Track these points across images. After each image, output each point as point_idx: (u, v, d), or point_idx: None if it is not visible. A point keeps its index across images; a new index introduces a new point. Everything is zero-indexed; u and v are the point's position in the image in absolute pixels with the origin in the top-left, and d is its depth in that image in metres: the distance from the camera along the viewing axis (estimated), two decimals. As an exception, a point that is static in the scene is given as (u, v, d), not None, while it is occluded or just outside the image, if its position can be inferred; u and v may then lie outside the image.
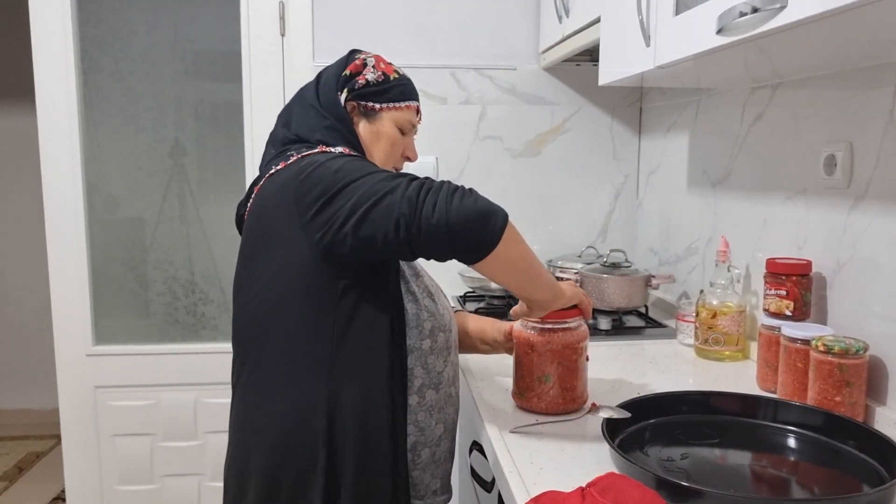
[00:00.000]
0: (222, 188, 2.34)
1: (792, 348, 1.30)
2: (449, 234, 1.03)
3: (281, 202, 1.13)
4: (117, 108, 2.26)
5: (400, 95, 1.29)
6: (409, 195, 1.04)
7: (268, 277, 1.15)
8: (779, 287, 1.40)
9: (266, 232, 1.16)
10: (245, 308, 1.20)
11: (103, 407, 2.32)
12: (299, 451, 1.12)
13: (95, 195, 2.28)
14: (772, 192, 1.59)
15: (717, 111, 1.85)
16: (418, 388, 1.21)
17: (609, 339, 1.79)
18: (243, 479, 1.18)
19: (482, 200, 1.07)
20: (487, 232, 1.05)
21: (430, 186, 1.06)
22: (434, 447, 1.24)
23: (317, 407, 1.12)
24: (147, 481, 2.37)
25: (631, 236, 2.43)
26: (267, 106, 2.27)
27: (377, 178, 1.08)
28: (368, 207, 1.05)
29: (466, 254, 1.07)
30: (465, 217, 1.03)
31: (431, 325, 1.22)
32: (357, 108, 1.27)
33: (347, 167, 1.10)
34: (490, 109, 2.33)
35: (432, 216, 1.03)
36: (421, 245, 1.05)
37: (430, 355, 1.22)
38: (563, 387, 1.25)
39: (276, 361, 1.15)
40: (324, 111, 1.24)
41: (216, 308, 2.37)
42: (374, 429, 1.14)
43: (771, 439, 1.16)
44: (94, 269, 2.29)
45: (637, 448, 1.12)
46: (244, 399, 1.20)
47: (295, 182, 1.11)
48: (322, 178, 1.09)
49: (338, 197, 1.07)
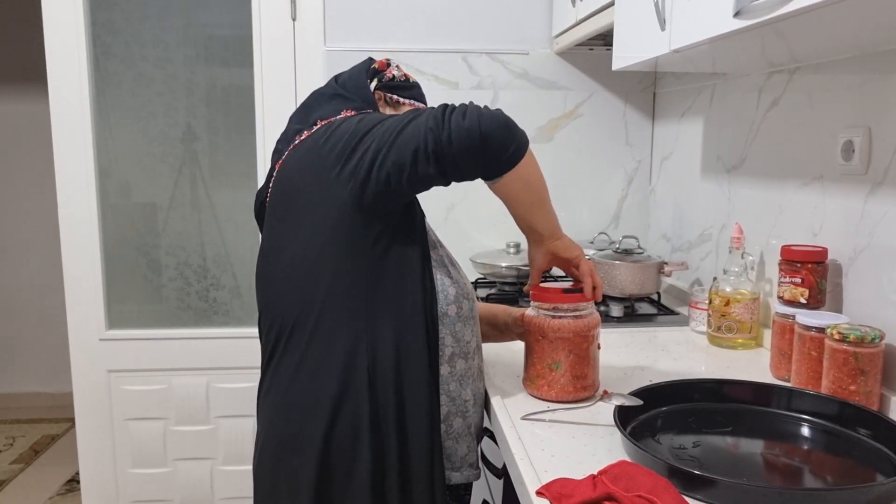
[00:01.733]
0: (234, 174, 2.34)
1: (806, 336, 1.29)
2: (482, 139, 1.06)
3: (307, 166, 1.15)
4: (129, 92, 2.26)
5: (421, 97, 1.36)
6: (434, 114, 1.08)
7: (301, 243, 1.15)
8: (794, 274, 1.38)
9: (294, 199, 1.16)
10: (273, 275, 1.19)
11: (116, 391, 2.34)
12: (349, 413, 1.13)
13: (108, 180, 2.29)
14: (787, 178, 1.57)
15: (732, 96, 1.82)
16: (449, 358, 1.22)
17: (621, 326, 1.78)
18: (290, 457, 1.15)
19: (501, 112, 1.10)
20: (517, 141, 1.10)
21: (454, 105, 1.10)
22: (467, 417, 1.25)
23: (359, 365, 1.13)
24: (160, 465, 2.39)
25: (643, 223, 2.41)
26: (278, 90, 2.27)
27: (398, 118, 1.11)
28: (394, 137, 1.08)
29: (497, 162, 1.09)
30: (497, 123, 1.07)
31: (455, 292, 1.23)
32: (383, 98, 1.31)
33: (371, 118, 1.13)
34: (502, 94, 2.31)
35: (463, 121, 1.05)
36: (452, 156, 1.06)
37: (457, 322, 1.23)
38: (574, 374, 1.25)
39: (320, 324, 1.15)
40: (350, 95, 1.26)
41: (228, 293, 2.38)
42: (412, 377, 1.16)
43: (784, 428, 1.15)
44: (107, 254, 2.31)
45: (649, 436, 1.12)
46: (296, 370, 1.16)
47: (319, 143, 1.14)
48: (346, 131, 1.12)
49: (362, 142, 1.10)
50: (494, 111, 1.09)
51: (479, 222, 2.35)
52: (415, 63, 2.26)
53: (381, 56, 1.37)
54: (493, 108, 1.10)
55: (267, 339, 1.23)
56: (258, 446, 1.23)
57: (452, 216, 2.33)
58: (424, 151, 1.06)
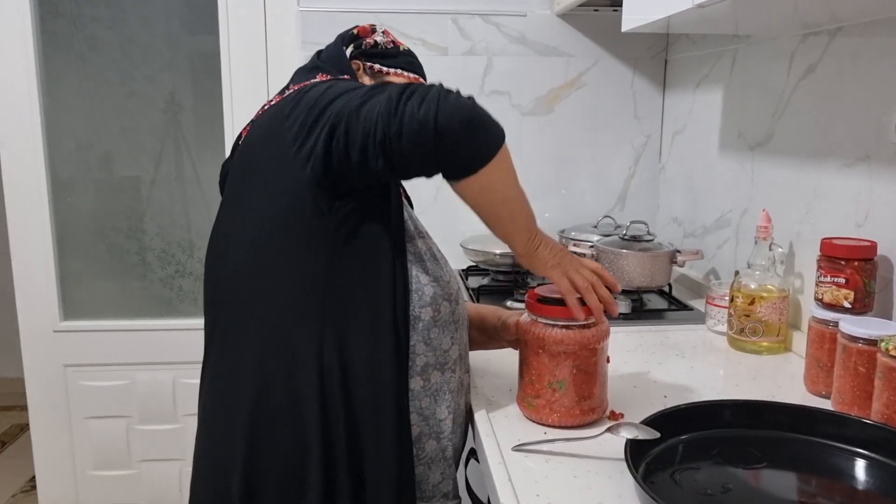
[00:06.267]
0: (205, 148, 2.12)
1: (852, 349, 1.08)
2: (436, 135, 0.87)
3: (269, 136, 0.99)
4: (78, 56, 2.03)
5: (409, 65, 1.19)
6: (390, 96, 0.89)
7: (252, 224, 0.99)
8: (836, 273, 1.18)
9: (251, 174, 1.01)
10: (222, 262, 1.03)
11: (74, 387, 2.14)
12: (291, 434, 0.96)
13: (58, 156, 2.07)
14: (824, 158, 1.35)
15: (757, 62, 1.60)
16: (421, 369, 1.03)
17: (628, 324, 1.57)
18: (219, 479, 1.00)
19: (480, 107, 0.92)
20: (484, 141, 0.92)
21: (416, 87, 0.90)
22: (442, 439, 1.06)
23: (307, 374, 0.96)
24: (124, 466, 2.20)
25: (652, 204, 2.19)
26: (247, 56, 2.04)
27: (364, 90, 0.93)
28: (352, 113, 0.90)
29: (454, 164, 0.91)
30: (460, 118, 0.88)
31: (433, 292, 1.04)
32: (363, 68, 1.16)
33: (340, 85, 0.97)
34: (497, 61, 2.07)
35: (417, 111, 0.87)
36: (401, 150, 0.88)
37: (433, 328, 1.04)
38: (580, 395, 1.04)
39: (258, 321, 0.98)
40: (327, 66, 1.11)
41: (194, 281, 2.17)
42: (373, 392, 0.98)
43: (831, 462, 0.96)
44: (60, 238, 2.09)
45: (666, 473, 0.92)
46: (219, 371, 1.02)
47: (285, 111, 0.97)
48: (310, 100, 0.96)
49: (323, 114, 0.93)
50: (461, 101, 0.90)
51: (471, 203, 2.13)
52: (399, 26, 2.03)
53: (365, 20, 1.22)
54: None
55: (206, 333, 1.08)
56: (194, 461, 1.08)
57: (442, 196, 2.11)
58: (373, 142, 0.89)
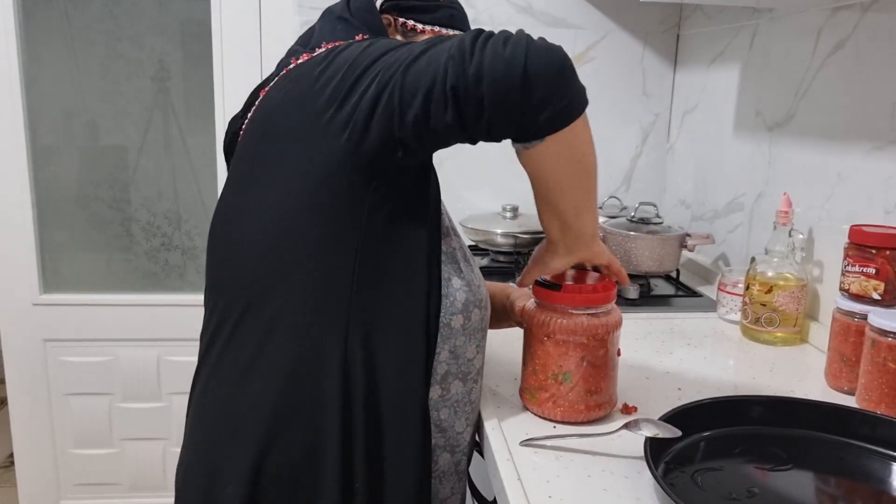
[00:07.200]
0: (193, 115, 2.02)
1: (882, 343, 1.01)
2: (524, 81, 0.74)
3: (297, 99, 0.85)
4: (62, 14, 1.92)
5: (449, 20, 1.02)
6: (462, 39, 0.77)
7: (273, 208, 0.87)
8: (865, 263, 1.11)
9: (274, 140, 0.87)
10: (235, 246, 0.91)
11: (54, 363, 2.05)
12: (305, 440, 0.86)
13: (39, 121, 1.96)
14: (851, 140, 1.28)
15: (780, 39, 1.51)
16: (442, 378, 0.94)
17: (635, 311, 1.50)
18: (221, 488, 0.89)
19: (566, 55, 0.79)
20: (573, 92, 0.78)
21: (492, 31, 0.78)
22: (456, 453, 0.99)
23: (330, 376, 0.86)
24: (105, 445, 2.12)
25: (659, 185, 2.12)
26: (238, 21, 1.93)
27: (419, 43, 0.81)
28: (403, 70, 0.78)
29: (539, 117, 0.77)
30: (550, 62, 0.75)
31: (465, 299, 0.94)
32: (394, 24, 1.01)
33: (381, 44, 0.84)
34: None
35: (503, 50, 0.74)
36: (479, 97, 0.75)
37: (460, 336, 0.94)
38: (587, 389, 0.97)
39: (275, 317, 0.86)
40: (355, 20, 0.97)
41: (181, 255, 2.08)
42: (402, 401, 0.89)
43: (864, 465, 0.89)
44: (41, 207, 1.99)
45: (687, 474, 0.86)
46: (228, 369, 0.90)
47: (315, 72, 0.84)
48: (346, 60, 0.83)
49: (364, 76, 0.81)
50: (550, 45, 0.77)
51: (471, 179, 2.05)
52: (401, -9, 1.92)
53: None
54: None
55: (209, 320, 0.95)
56: (182, 463, 0.96)
57: (440, 172, 2.02)
58: (442, 90, 0.76)
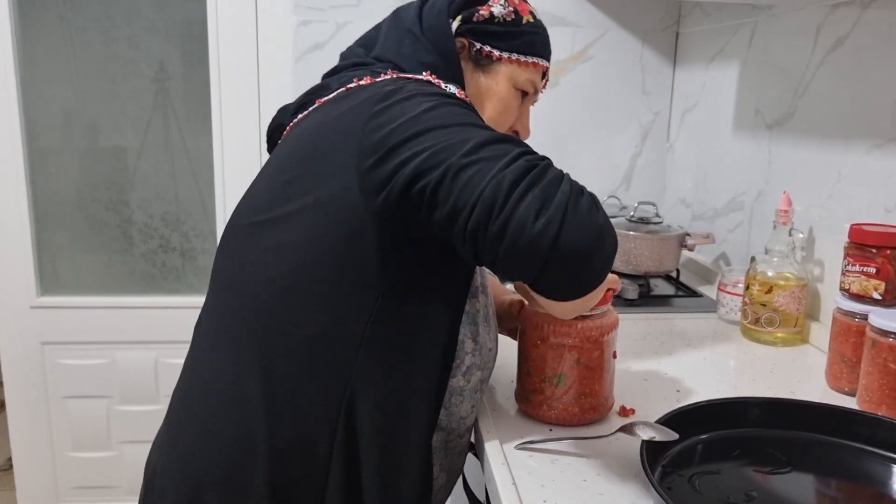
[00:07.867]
0: (192, 116, 2.01)
1: (883, 344, 1.00)
2: (548, 259, 0.72)
3: (343, 134, 0.82)
4: (57, 16, 1.91)
5: (529, 47, 0.96)
6: (502, 175, 0.72)
7: (299, 226, 0.83)
8: (866, 262, 1.09)
9: (313, 167, 0.83)
10: (259, 251, 0.85)
11: (52, 365, 2.05)
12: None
13: (36, 123, 1.96)
14: (851, 138, 1.26)
15: (779, 36, 1.50)
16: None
17: (634, 311, 1.49)
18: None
19: (605, 216, 0.77)
20: (601, 266, 0.76)
21: (539, 173, 0.73)
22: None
23: (321, 424, 0.84)
24: (104, 448, 2.12)
25: (659, 185, 2.10)
26: (234, 22, 1.92)
27: (478, 133, 0.76)
28: (445, 171, 0.73)
29: (556, 287, 0.78)
30: (584, 242, 0.72)
31: (471, 363, 0.93)
32: (468, 48, 0.95)
33: (444, 110, 0.78)
34: (500, 31, 1.97)
35: (532, 222, 0.70)
36: (495, 254, 0.73)
37: (455, 395, 0.93)
38: (581, 392, 0.96)
39: (277, 344, 0.84)
40: (425, 40, 0.92)
41: (178, 257, 2.08)
42: (404, 451, 0.88)
43: (863, 467, 0.88)
44: (39, 210, 1.99)
45: (684, 478, 0.85)
46: (217, 386, 0.87)
47: (370, 110, 0.80)
48: (403, 113, 0.78)
49: (413, 142, 0.76)
50: (592, 214, 0.74)
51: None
52: (398, -10, 1.92)
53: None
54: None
55: (205, 315, 0.94)
56: (155, 471, 0.91)
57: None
58: (463, 226, 0.73)
